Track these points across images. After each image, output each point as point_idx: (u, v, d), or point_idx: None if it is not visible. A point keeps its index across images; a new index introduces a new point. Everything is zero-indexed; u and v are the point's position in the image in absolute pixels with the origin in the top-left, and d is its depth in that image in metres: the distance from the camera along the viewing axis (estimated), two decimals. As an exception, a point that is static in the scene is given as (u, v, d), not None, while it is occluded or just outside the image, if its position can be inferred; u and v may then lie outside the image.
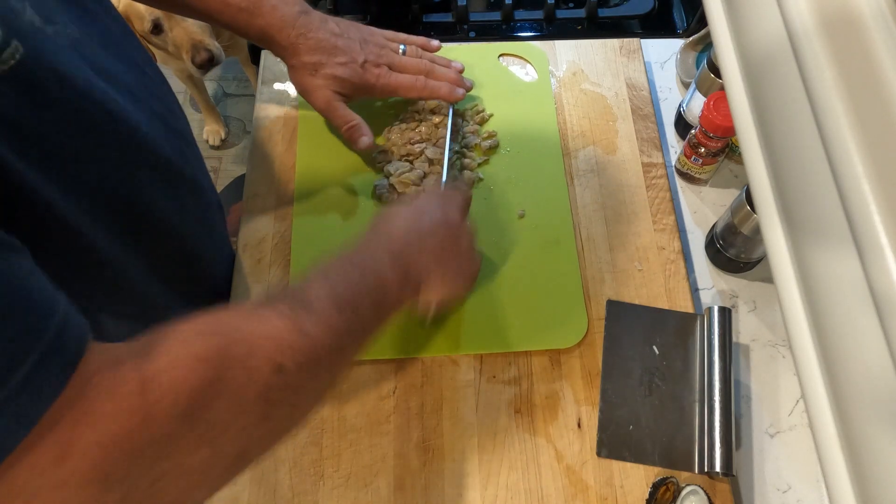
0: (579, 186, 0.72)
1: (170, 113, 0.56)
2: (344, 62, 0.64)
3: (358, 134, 0.66)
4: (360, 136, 0.66)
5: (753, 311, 0.68)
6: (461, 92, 0.70)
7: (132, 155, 0.48)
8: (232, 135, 1.87)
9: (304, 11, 0.63)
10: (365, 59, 0.65)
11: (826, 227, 0.32)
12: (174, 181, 0.55)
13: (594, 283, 0.66)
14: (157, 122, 0.52)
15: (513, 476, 0.58)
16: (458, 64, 0.73)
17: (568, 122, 0.76)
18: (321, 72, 0.64)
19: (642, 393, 0.61)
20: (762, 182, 0.39)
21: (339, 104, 0.66)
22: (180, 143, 0.56)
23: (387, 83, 0.67)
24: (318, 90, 0.65)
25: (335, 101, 0.65)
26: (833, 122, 0.31)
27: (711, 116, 0.65)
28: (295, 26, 0.62)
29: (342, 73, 0.64)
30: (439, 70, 0.70)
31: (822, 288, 0.33)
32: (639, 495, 0.57)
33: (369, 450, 0.59)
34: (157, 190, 0.52)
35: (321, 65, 0.63)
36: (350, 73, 0.64)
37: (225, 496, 0.57)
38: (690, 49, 0.82)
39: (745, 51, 0.41)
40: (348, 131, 0.66)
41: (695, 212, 0.73)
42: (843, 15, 0.32)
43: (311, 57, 0.63)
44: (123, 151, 0.47)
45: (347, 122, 0.66)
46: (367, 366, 0.62)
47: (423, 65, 0.69)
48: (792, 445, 0.61)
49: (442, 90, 0.69)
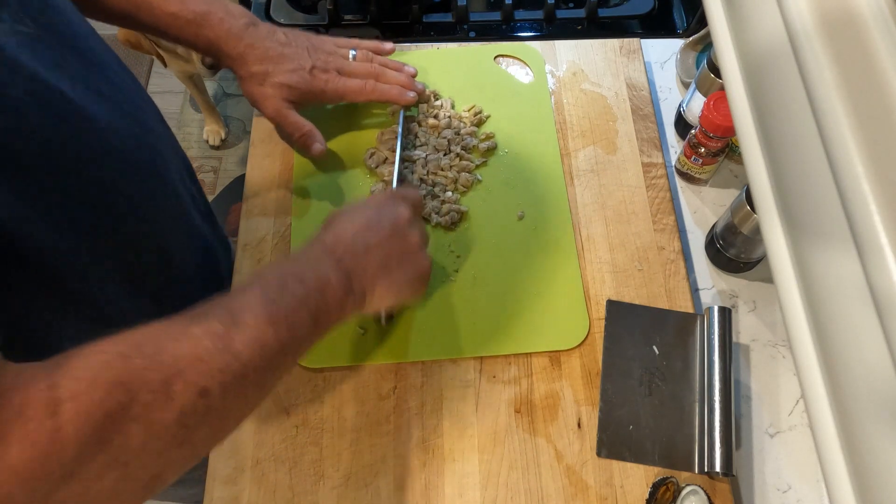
0: (579, 186, 0.72)
1: (137, 108, 0.55)
2: (292, 69, 0.65)
3: (310, 141, 0.66)
4: (313, 142, 0.66)
5: (753, 311, 0.68)
6: (411, 95, 0.70)
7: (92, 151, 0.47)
8: (232, 135, 1.87)
9: (251, 23, 0.64)
10: (313, 66, 0.66)
11: (826, 227, 0.32)
12: (144, 179, 0.54)
13: (594, 283, 0.66)
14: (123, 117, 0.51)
15: (513, 476, 0.58)
16: (410, 68, 0.73)
17: (568, 122, 0.76)
18: (269, 80, 0.64)
19: (642, 393, 0.61)
20: (762, 182, 0.39)
21: (290, 112, 0.66)
22: (150, 139, 0.56)
23: (335, 88, 0.67)
24: (268, 99, 0.65)
25: (285, 109, 0.65)
26: (833, 122, 0.31)
27: (711, 116, 0.65)
28: (242, 37, 0.63)
29: (290, 80, 0.64)
30: (390, 74, 0.70)
31: (822, 288, 0.33)
32: (639, 495, 0.57)
33: (369, 450, 0.59)
34: (123, 189, 0.51)
35: (269, 73, 0.64)
36: (298, 80, 0.65)
37: (225, 496, 0.57)
38: (690, 49, 0.82)
39: (745, 51, 0.41)
40: (300, 139, 0.66)
41: (695, 212, 0.73)
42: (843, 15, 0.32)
43: (258, 66, 0.64)
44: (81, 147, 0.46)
45: (299, 130, 0.66)
46: (367, 366, 0.62)
47: (373, 69, 0.69)
48: (792, 445, 0.61)
49: (391, 93, 0.69)
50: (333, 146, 0.73)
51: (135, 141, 0.52)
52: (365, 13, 0.89)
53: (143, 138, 0.54)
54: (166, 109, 1.90)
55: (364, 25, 0.89)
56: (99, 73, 0.50)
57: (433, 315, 0.64)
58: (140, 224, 0.54)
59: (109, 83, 0.51)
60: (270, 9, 0.90)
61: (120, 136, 0.50)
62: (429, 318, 0.64)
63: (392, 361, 0.62)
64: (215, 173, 1.83)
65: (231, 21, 0.62)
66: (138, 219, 0.54)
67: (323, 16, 0.90)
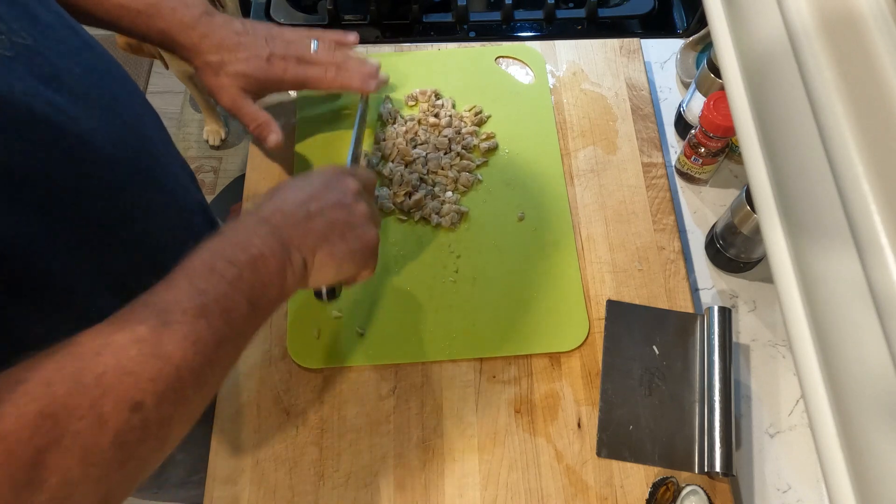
0: (579, 186, 0.72)
1: (135, 116, 0.54)
2: (247, 58, 0.63)
3: (266, 132, 0.65)
4: (268, 133, 0.65)
5: (753, 311, 0.68)
6: (373, 83, 0.68)
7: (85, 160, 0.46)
8: (232, 135, 1.87)
9: (206, 13, 0.62)
10: (271, 53, 0.64)
11: (826, 227, 0.32)
12: (141, 185, 0.53)
13: (594, 283, 0.66)
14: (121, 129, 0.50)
15: (513, 476, 0.58)
16: (374, 61, 0.71)
17: (568, 122, 0.76)
18: (224, 70, 0.63)
19: (642, 393, 0.61)
20: (762, 182, 0.39)
21: (246, 102, 0.65)
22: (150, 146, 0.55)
23: (295, 75, 0.65)
24: (224, 89, 0.64)
25: (241, 100, 0.64)
26: (833, 122, 0.31)
27: (711, 116, 0.65)
28: (196, 27, 0.61)
29: (245, 69, 0.63)
30: (352, 63, 0.68)
31: (822, 288, 0.33)
32: (639, 495, 0.57)
33: (369, 450, 0.59)
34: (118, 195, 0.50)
35: (224, 63, 0.63)
36: (254, 69, 0.64)
37: (225, 496, 0.57)
38: (690, 49, 0.82)
39: (745, 51, 0.41)
40: (256, 129, 0.66)
41: (695, 212, 0.73)
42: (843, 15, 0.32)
43: (214, 56, 0.62)
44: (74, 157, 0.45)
45: (254, 120, 0.65)
46: (366, 367, 0.62)
47: (335, 57, 0.68)
48: (792, 445, 0.61)
49: (354, 80, 0.68)
50: (335, 147, 0.73)
51: (133, 152, 0.51)
52: (365, 13, 0.89)
53: (142, 148, 0.54)
54: (166, 109, 1.90)
55: (364, 25, 0.89)
56: (98, 85, 0.50)
57: (433, 315, 0.64)
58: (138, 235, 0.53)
59: (109, 94, 0.50)
60: (270, 9, 0.90)
61: (118, 148, 0.49)
62: (429, 319, 0.64)
63: (392, 362, 0.62)
64: (215, 173, 1.83)
65: (183, 11, 0.61)
66: (136, 230, 0.53)
67: (323, 16, 0.89)
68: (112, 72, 0.53)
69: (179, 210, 0.60)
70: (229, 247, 0.43)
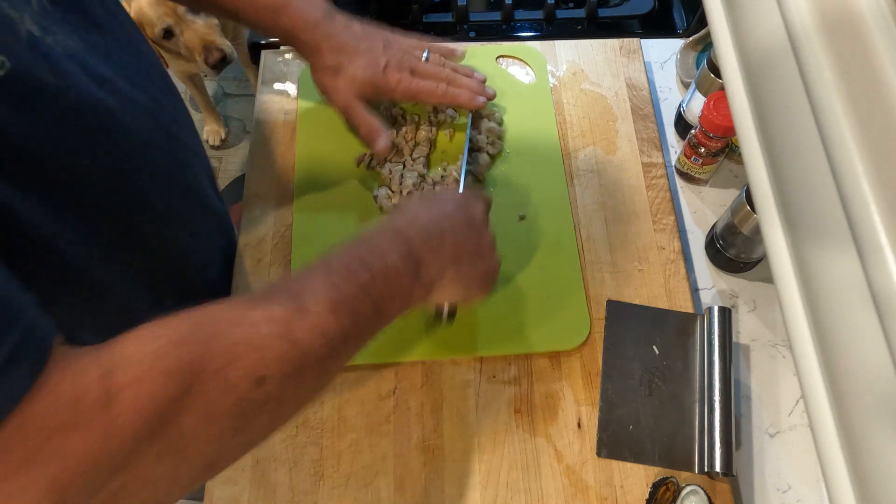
0: (579, 186, 0.72)
1: (174, 122, 0.55)
2: (365, 65, 0.64)
3: (376, 136, 0.67)
4: (378, 138, 0.67)
5: (753, 311, 0.68)
6: (482, 100, 0.70)
7: (127, 165, 0.47)
8: (232, 135, 1.87)
9: (328, 13, 0.64)
10: (387, 63, 0.66)
11: (826, 227, 0.32)
12: (172, 191, 0.54)
13: (594, 284, 0.66)
14: (160, 131, 0.52)
15: (513, 476, 0.58)
16: (480, 74, 0.73)
17: (568, 122, 0.76)
18: (343, 74, 0.64)
19: (642, 393, 0.61)
20: (762, 182, 0.39)
21: (358, 106, 0.66)
22: (184, 154, 0.56)
23: (407, 87, 0.66)
24: (339, 92, 0.65)
25: (355, 103, 0.66)
26: (833, 122, 0.31)
27: (711, 116, 0.65)
28: (319, 27, 0.63)
29: (363, 76, 0.64)
30: (461, 79, 0.70)
31: (822, 288, 0.33)
32: (639, 495, 0.57)
33: (369, 450, 0.59)
34: (153, 201, 0.51)
35: (343, 67, 0.64)
36: (371, 76, 0.65)
37: (225, 496, 0.57)
38: (690, 49, 0.82)
39: (745, 51, 0.41)
40: (367, 135, 0.67)
41: (695, 212, 0.73)
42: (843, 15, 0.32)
43: (333, 58, 0.64)
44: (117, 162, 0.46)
45: (366, 126, 0.67)
46: (367, 366, 0.62)
47: (445, 72, 0.69)
48: (792, 445, 0.61)
49: (462, 97, 0.69)
50: (335, 147, 0.73)
51: (169, 157, 0.53)
52: (365, 13, 0.89)
53: (177, 153, 0.55)
54: (166, 109, 1.90)
55: (364, 25, 0.89)
56: (146, 87, 0.51)
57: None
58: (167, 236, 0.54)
59: (153, 98, 0.51)
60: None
61: (156, 151, 0.50)
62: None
63: (392, 361, 0.62)
64: (215, 173, 1.83)
65: (308, 10, 0.62)
66: (166, 233, 0.54)
67: (323, 16, 0.89)
68: (157, 76, 0.54)
69: (203, 215, 0.61)
70: (367, 252, 0.45)
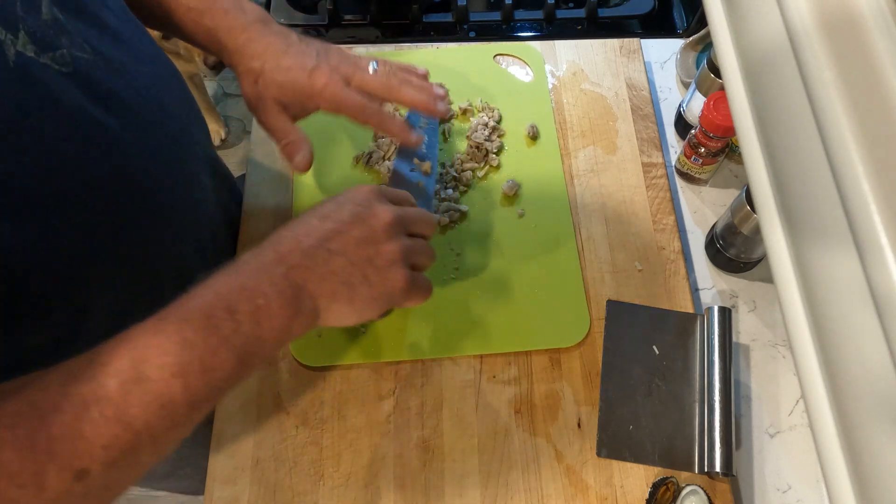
0: (579, 186, 0.72)
1: (183, 132, 0.53)
2: (289, 66, 0.55)
3: (294, 151, 0.57)
4: (296, 153, 0.57)
5: (753, 311, 0.68)
6: (442, 106, 0.59)
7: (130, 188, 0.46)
8: (232, 135, 1.87)
9: (261, 20, 0.57)
10: (316, 66, 0.56)
11: (826, 227, 0.32)
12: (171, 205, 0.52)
13: (594, 283, 0.66)
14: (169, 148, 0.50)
15: (513, 476, 0.58)
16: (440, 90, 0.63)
17: (568, 121, 0.76)
18: (263, 78, 0.55)
19: (642, 393, 0.61)
20: (762, 182, 0.39)
21: (278, 115, 0.56)
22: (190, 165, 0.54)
23: (334, 94, 0.56)
24: (260, 100, 0.56)
25: (274, 112, 0.56)
26: (833, 122, 0.31)
27: (711, 116, 0.65)
28: (245, 31, 0.55)
29: (284, 78, 0.55)
30: (415, 80, 0.60)
31: (822, 288, 0.33)
32: (639, 495, 0.57)
33: (369, 450, 0.59)
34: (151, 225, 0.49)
35: (264, 71, 0.55)
36: (293, 78, 0.55)
37: (225, 496, 0.57)
38: (690, 49, 0.82)
39: (745, 51, 0.41)
40: (284, 147, 0.57)
41: (695, 212, 0.73)
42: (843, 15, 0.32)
43: (255, 62, 0.55)
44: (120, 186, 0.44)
45: (284, 136, 0.57)
46: (367, 366, 0.62)
47: (393, 80, 0.58)
48: (792, 445, 0.61)
49: (394, 127, 0.58)
50: (334, 145, 0.73)
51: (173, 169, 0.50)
52: (365, 13, 0.89)
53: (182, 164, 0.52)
54: (166, 109, 1.90)
55: (364, 25, 0.89)
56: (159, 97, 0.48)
57: (433, 313, 0.64)
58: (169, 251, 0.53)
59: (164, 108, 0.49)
60: (270, 9, 0.90)
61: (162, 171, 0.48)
62: (429, 317, 0.64)
63: (392, 360, 0.62)
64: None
65: (237, 14, 0.56)
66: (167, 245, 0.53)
67: (323, 16, 0.89)
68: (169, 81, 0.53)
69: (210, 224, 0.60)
70: (235, 291, 0.39)
